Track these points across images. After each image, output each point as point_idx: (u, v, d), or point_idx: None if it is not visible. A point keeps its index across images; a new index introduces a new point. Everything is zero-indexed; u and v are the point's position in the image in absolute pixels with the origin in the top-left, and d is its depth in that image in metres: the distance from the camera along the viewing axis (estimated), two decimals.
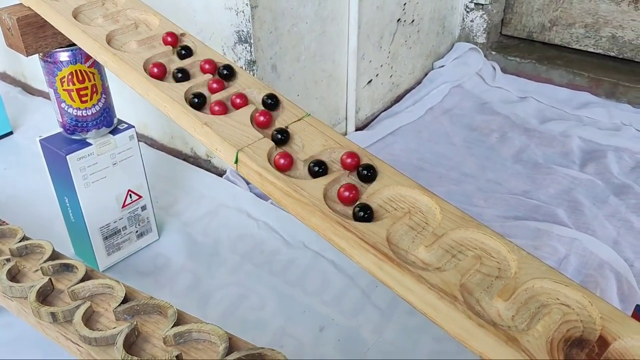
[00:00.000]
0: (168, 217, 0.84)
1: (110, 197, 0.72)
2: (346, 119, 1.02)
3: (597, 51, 1.18)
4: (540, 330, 0.35)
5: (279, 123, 0.48)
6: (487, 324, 0.35)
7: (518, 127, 1.06)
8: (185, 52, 0.54)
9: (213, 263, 0.77)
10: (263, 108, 0.49)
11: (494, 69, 1.21)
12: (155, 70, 0.50)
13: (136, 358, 0.44)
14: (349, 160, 0.44)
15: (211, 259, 0.77)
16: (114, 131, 0.70)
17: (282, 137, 0.45)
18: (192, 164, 0.95)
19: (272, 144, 0.45)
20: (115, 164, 0.71)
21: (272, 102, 0.48)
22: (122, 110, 0.73)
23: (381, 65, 1.05)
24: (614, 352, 0.35)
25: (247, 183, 0.90)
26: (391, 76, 1.10)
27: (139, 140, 0.96)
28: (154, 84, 0.49)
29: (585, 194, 0.87)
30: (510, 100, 1.14)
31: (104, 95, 0.68)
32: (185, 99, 0.49)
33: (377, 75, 1.05)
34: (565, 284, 0.37)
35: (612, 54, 1.17)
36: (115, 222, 0.74)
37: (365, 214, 0.41)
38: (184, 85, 0.50)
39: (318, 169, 0.42)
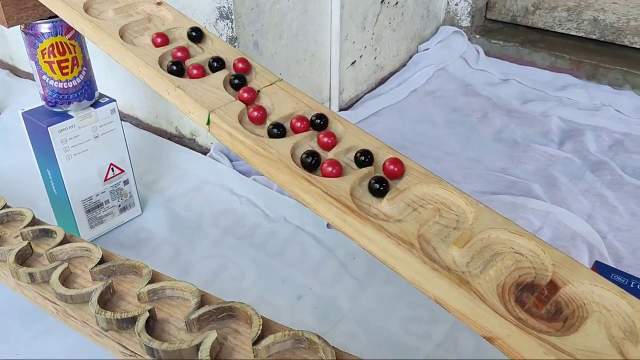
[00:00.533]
0: (151, 193, 0.85)
1: (92, 170, 0.73)
2: (330, 99, 1.03)
3: (579, 34, 1.20)
4: (492, 275, 0.36)
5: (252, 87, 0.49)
6: (441, 268, 0.36)
7: (499, 108, 1.07)
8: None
9: (195, 236, 0.78)
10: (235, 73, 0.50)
11: (478, 52, 1.22)
12: (159, 40, 0.51)
13: (109, 312, 0.45)
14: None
15: (193, 232, 0.79)
16: (96, 104, 0.71)
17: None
18: (177, 143, 0.96)
19: (243, 105, 0.47)
20: (97, 137, 0.72)
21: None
22: (108, 92, 0.74)
23: (365, 47, 1.06)
24: (563, 296, 0.36)
25: (231, 160, 0.91)
26: (375, 58, 1.11)
27: (124, 121, 0.98)
28: (129, 49, 0.50)
29: (562, 171, 0.89)
30: (493, 82, 1.15)
31: (84, 68, 0.69)
32: (160, 64, 0.50)
33: (360, 56, 1.06)
34: (519, 234, 0.39)
35: (593, 37, 1.19)
36: (97, 195, 0.75)
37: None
38: (159, 50, 0.51)
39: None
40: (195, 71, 0.49)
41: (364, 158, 0.43)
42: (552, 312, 0.36)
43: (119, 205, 0.78)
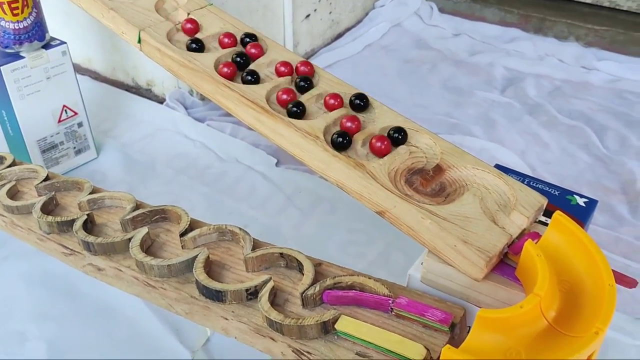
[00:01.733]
0: (107, 139, 0.88)
1: (45, 112, 0.76)
2: None
3: None
4: (385, 160, 0.41)
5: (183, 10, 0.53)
6: (341, 155, 0.40)
7: (449, 59, 1.12)
8: None
9: (148, 177, 0.81)
10: None
11: (432, 8, 1.26)
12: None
13: (51, 216, 0.49)
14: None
15: (147, 173, 0.82)
16: (47, 46, 0.74)
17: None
18: (134, 94, 0.99)
19: (172, 25, 0.50)
20: (49, 78, 0.75)
21: None
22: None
23: (319, 1, 1.10)
24: (448, 178, 0.41)
25: (186, 108, 0.94)
26: (330, 13, 1.14)
27: (83, 75, 1.00)
28: None
29: (502, 114, 0.93)
30: (445, 36, 1.19)
31: (35, 9, 0.71)
32: None
33: (315, 10, 1.10)
34: (415, 130, 0.43)
35: None
36: (52, 136, 0.78)
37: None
38: None
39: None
40: None
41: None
42: (437, 190, 0.40)
43: (74, 148, 0.81)
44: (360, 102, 0.45)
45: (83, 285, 0.62)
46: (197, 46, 0.47)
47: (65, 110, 0.78)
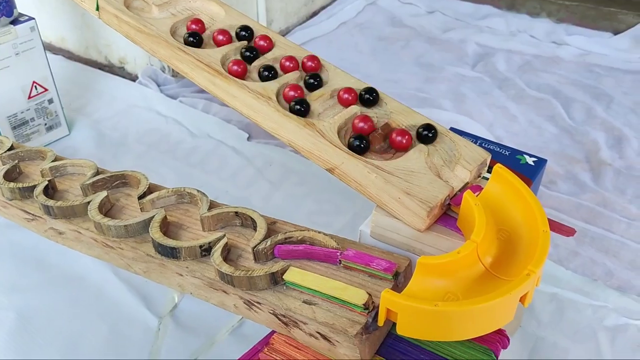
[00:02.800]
0: (80, 117, 0.89)
1: (15, 87, 0.76)
2: None
3: None
4: (335, 119, 0.42)
5: None
6: (292, 114, 0.41)
7: (422, 36, 1.12)
8: None
9: (120, 152, 0.82)
10: None
11: None
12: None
13: (12, 182, 0.49)
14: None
15: (118, 149, 0.83)
16: (15, 22, 0.74)
17: None
18: (107, 72, 0.99)
19: None
20: (17, 54, 0.75)
21: None
22: (40, 26, 0.76)
23: None
24: (395, 132, 0.42)
25: (159, 85, 0.94)
26: None
27: (56, 54, 1.00)
28: None
29: (472, 88, 0.95)
30: (419, 14, 1.20)
31: None
32: None
33: None
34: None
35: None
36: (22, 112, 0.78)
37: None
38: None
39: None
40: None
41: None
42: (385, 148, 0.41)
43: (45, 124, 0.81)
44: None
45: (51, 256, 0.63)
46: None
47: (35, 87, 0.78)
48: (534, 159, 0.47)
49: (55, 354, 0.52)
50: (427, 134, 0.41)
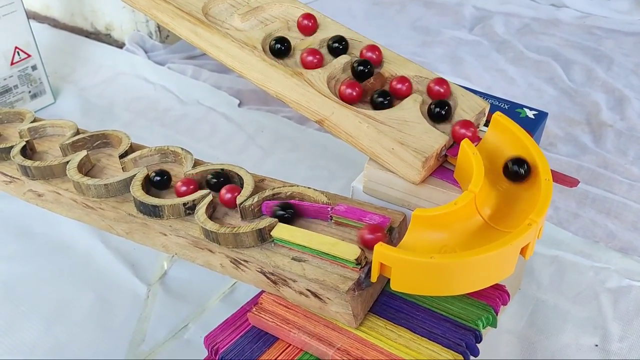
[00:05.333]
0: (65, 84, 0.86)
1: None
2: None
3: None
4: (326, 69, 0.39)
5: None
6: (278, 64, 0.39)
7: (418, 0, 1.09)
8: None
9: (106, 120, 0.79)
10: None
11: None
12: None
13: None
14: None
15: (105, 116, 0.80)
16: None
17: None
18: (94, 40, 0.96)
19: None
20: None
21: None
22: None
23: None
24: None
25: (146, 52, 0.92)
26: None
27: (42, 23, 0.97)
28: None
29: (469, 52, 0.92)
30: None
31: None
32: None
33: None
34: (358, 40, 0.42)
35: None
36: (5, 79, 0.75)
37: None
38: None
39: None
40: None
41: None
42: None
43: (29, 92, 0.79)
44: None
45: (36, 224, 0.61)
46: None
47: (18, 52, 0.75)
48: (534, 112, 0.45)
49: (40, 321, 0.51)
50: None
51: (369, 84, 0.39)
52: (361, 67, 0.38)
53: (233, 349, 0.33)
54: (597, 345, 0.49)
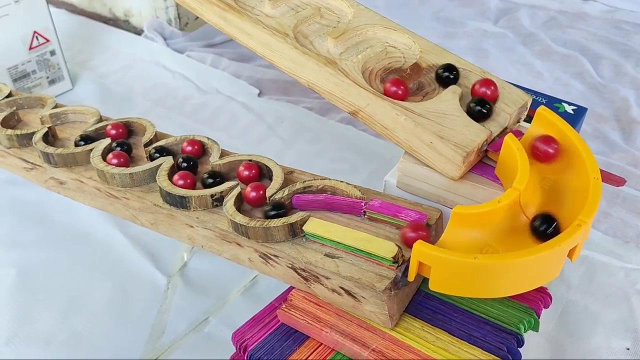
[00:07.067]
0: (83, 71, 0.85)
1: (15, 37, 0.72)
2: None
3: None
4: (359, 58, 0.38)
5: None
6: (311, 52, 0.37)
7: None
8: None
9: (125, 107, 0.78)
10: None
11: None
12: None
13: (10, 130, 0.46)
14: None
15: (123, 104, 0.79)
16: None
17: None
18: (112, 26, 0.95)
19: None
20: (17, 1, 0.71)
21: None
22: None
23: None
24: (427, 77, 0.38)
25: (165, 39, 0.90)
26: None
27: (59, 8, 0.96)
28: None
29: (494, 45, 0.90)
30: None
31: None
32: None
33: None
34: (394, 29, 0.40)
35: None
36: (23, 64, 0.74)
37: None
38: None
39: None
40: None
41: None
42: (414, 89, 0.37)
43: (47, 77, 0.78)
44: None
45: (54, 212, 0.60)
46: None
47: (37, 37, 0.74)
48: (573, 107, 0.43)
49: (57, 311, 0.50)
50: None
51: (406, 75, 0.37)
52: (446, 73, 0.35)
53: (262, 347, 0.32)
54: (628, 349, 0.48)
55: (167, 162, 0.40)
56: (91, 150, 0.42)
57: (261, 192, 0.36)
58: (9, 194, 0.62)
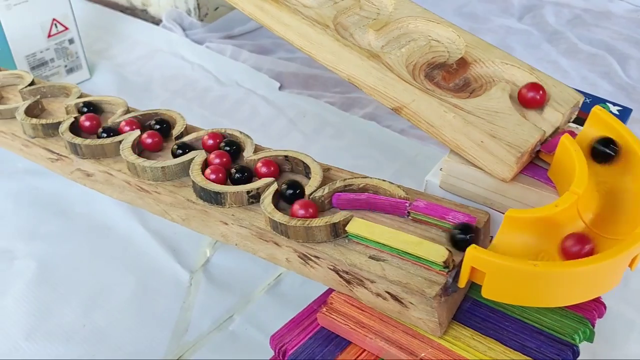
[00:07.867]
0: (101, 60, 0.84)
1: (34, 24, 0.71)
2: None
3: None
4: (403, 52, 0.36)
5: None
6: (353, 45, 0.36)
7: None
8: None
9: (144, 98, 0.77)
10: None
11: None
12: None
13: (35, 119, 0.45)
14: None
15: (142, 94, 0.78)
16: None
17: None
18: (129, 15, 0.94)
19: None
20: None
21: None
22: None
23: None
24: (473, 73, 0.37)
25: (184, 30, 0.89)
26: None
27: None
28: None
29: (519, 41, 0.88)
30: None
31: None
32: None
33: None
34: (437, 22, 0.39)
35: None
36: (42, 52, 0.73)
37: None
38: None
39: None
40: None
41: None
42: (460, 85, 0.36)
43: (66, 66, 0.76)
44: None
45: (76, 205, 0.59)
46: None
47: (55, 24, 0.73)
48: (618, 108, 0.42)
49: (78, 305, 0.49)
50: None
51: (452, 70, 0.36)
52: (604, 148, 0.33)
53: (303, 351, 0.31)
54: None
55: (200, 155, 0.38)
56: (120, 141, 0.41)
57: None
58: (28, 184, 0.61)
